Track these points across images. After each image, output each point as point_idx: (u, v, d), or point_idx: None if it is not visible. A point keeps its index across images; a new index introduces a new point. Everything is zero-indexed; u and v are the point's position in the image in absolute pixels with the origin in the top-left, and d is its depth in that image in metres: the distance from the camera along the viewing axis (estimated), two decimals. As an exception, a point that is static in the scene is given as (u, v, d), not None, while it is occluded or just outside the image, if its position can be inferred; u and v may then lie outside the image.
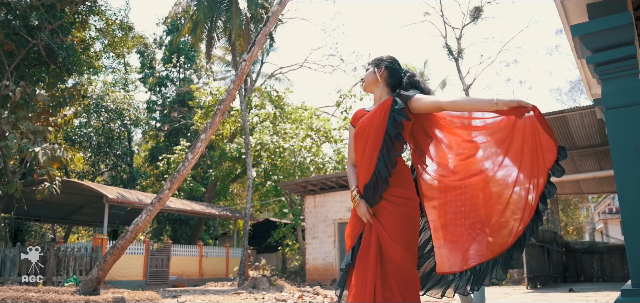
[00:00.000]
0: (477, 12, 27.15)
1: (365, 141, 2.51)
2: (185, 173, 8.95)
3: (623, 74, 3.44)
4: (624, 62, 3.44)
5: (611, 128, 3.44)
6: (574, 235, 36.13)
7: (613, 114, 3.44)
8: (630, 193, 3.35)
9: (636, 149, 3.32)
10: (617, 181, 3.40)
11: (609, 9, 3.52)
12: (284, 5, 8.96)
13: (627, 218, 3.33)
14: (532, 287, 13.39)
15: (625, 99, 3.41)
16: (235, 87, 9.00)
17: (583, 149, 15.26)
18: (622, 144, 3.39)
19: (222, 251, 22.53)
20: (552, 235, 17.48)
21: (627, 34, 3.41)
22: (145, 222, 8.95)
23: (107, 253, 8.93)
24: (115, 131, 27.52)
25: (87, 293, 8.68)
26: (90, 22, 18.86)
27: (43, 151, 13.58)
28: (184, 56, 29.31)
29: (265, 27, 9.00)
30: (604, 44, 3.49)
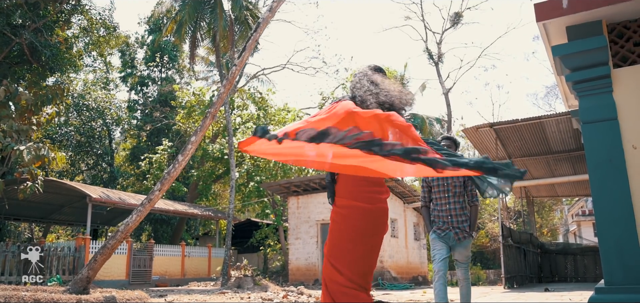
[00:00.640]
0: (457, 18, 27.73)
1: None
2: (175, 174, 9.11)
3: (598, 92, 3.78)
4: (599, 81, 3.78)
5: (587, 141, 3.78)
6: (549, 236, 37.00)
7: (589, 129, 3.78)
8: (604, 200, 3.69)
9: (609, 161, 3.66)
10: (592, 189, 3.74)
11: (586, 31, 3.86)
12: (274, 11, 9.18)
13: (601, 223, 3.67)
14: (509, 286, 13.84)
15: (600, 114, 3.75)
16: (226, 91, 9.19)
17: (559, 154, 15.82)
18: (597, 155, 3.73)
19: (204, 251, 22.61)
20: (528, 237, 18.03)
21: (602, 55, 3.75)
22: (135, 222, 9.08)
23: (97, 253, 9.03)
24: (96, 130, 27.31)
25: (77, 292, 8.77)
26: (73, 20, 18.77)
27: (27, 149, 13.54)
28: (167, 55, 29.24)
29: (256, 33, 9.21)
30: (581, 64, 3.83)
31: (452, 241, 4.39)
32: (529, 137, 14.43)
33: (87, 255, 16.46)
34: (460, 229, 4.37)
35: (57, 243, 18.73)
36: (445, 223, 4.40)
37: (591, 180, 3.76)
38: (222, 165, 25.14)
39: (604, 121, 3.73)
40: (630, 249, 3.52)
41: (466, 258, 4.50)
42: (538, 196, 22.90)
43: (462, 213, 4.41)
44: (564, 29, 3.95)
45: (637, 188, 3.60)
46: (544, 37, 4.08)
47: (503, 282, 13.93)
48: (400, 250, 18.15)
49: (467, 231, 4.39)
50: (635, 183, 3.61)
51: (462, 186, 4.47)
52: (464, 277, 4.51)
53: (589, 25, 3.85)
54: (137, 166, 26.70)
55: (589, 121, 3.80)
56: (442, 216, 4.43)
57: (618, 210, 3.60)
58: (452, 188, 4.45)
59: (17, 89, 15.57)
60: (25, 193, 15.11)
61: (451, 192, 4.45)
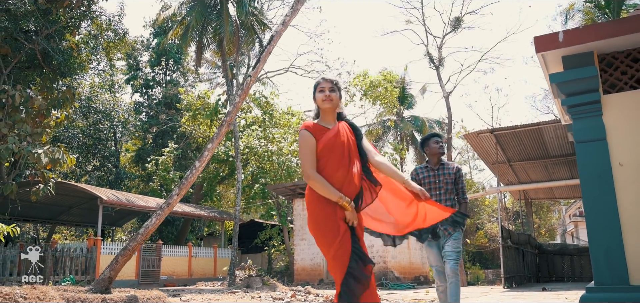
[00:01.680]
0: (457, 22, 28.15)
1: (347, 155, 2.87)
2: (193, 179, 9.60)
3: (589, 115, 4.30)
4: (590, 106, 4.30)
5: (580, 158, 4.30)
6: (547, 236, 37.52)
7: (581, 148, 4.29)
8: (594, 210, 4.20)
9: (599, 176, 4.18)
10: (584, 201, 4.26)
11: (579, 61, 4.37)
12: (287, 25, 9.68)
13: (591, 231, 4.18)
14: (508, 286, 14.35)
15: (591, 135, 4.27)
16: (241, 100, 9.69)
17: (556, 158, 16.34)
18: (589, 171, 4.25)
19: (210, 251, 23.10)
20: (526, 238, 18.55)
21: (593, 83, 4.26)
22: (155, 225, 9.57)
23: (118, 255, 9.52)
24: (103, 132, 27.77)
25: (99, 292, 9.26)
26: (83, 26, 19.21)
27: (44, 153, 14.02)
28: (171, 58, 29.70)
29: (270, 45, 9.71)
30: (575, 90, 4.35)
31: (444, 239, 4.35)
32: (528, 142, 14.95)
33: (98, 255, 16.94)
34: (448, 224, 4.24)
35: (69, 244, 19.21)
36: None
37: (583, 193, 4.27)
38: (227, 167, 25.61)
39: (594, 141, 4.25)
40: (616, 254, 4.04)
41: (456, 249, 4.32)
42: (536, 198, 23.43)
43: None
44: (560, 58, 4.46)
45: (623, 201, 4.12)
46: (542, 65, 4.59)
47: (502, 282, 14.44)
48: (403, 251, 18.66)
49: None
50: (621, 196, 4.12)
51: (453, 183, 4.53)
52: (452, 272, 4.26)
53: (582, 56, 4.36)
54: (143, 168, 27.15)
55: (581, 140, 4.32)
56: None
57: (606, 219, 4.11)
58: (444, 184, 4.50)
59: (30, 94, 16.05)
60: (37, 195, 15.59)
61: (443, 189, 4.49)
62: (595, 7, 22.70)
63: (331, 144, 2.87)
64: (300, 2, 9.63)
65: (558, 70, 4.57)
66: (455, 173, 4.57)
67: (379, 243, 17.50)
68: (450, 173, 4.54)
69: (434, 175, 4.56)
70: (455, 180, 4.54)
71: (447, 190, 4.49)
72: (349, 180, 2.84)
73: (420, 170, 4.69)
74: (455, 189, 4.55)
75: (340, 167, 2.85)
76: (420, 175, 4.64)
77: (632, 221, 4.08)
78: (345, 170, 2.85)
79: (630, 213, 4.10)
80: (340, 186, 2.81)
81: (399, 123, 30.58)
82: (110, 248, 18.09)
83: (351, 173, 2.86)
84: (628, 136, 4.23)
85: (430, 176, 4.58)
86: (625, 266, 4.02)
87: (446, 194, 4.49)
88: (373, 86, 25.38)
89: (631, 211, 4.10)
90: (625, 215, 4.10)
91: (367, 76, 26.13)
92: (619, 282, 4.02)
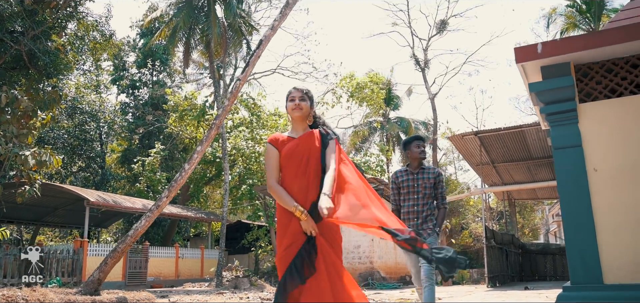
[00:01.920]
0: (443, 25, 28.56)
1: (305, 164, 2.86)
2: (182, 181, 9.70)
3: (566, 123, 4.52)
4: (567, 114, 4.53)
5: (557, 163, 4.52)
6: (530, 236, 38.11)
7: (559, 154, 4.52)
8: (570, 213, 4.43)
9: (575, 181, 4.40)
10: (561, 204, 4.48)
11: (557, 71, 4.59)
12: (275, 29, 9.82)
13: (567, 232, 4.41)
14: (492, 285, 14.65)
15: (568, 142, 4.50)
16: (230, 103, 9.81)
17: (539, 160, 16.70)
18: (565, 176, 4.47)
19: (197, 252, 23.12)
20: (509, 238, 18.90)
21: (569, 92, 4.49)
22: (143, 227, 9.65)
23: (108, 257, 9.59)
24: (89, 133, 27.62)
25: (89, 293, 9.32)
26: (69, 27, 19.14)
27: (31, 155, 13.98)
28: (158, 59, 29.62)
29: (258, 49, 9.85)
30: (552, 99, 4.57)
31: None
32: (511, 144, 15.27)
33: (85, 257, 16.88)
34: (424, 229, 4.32)
35: (56, 246, 19.10)
36: (412, 225, 4.33)
37: (560, 196, 4.50)
38: (214, 168, 25.65)
39: (570, 148, 4.47)
40: (591, 255, 4.27)
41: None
42: (519, 198, 23.84)
43: (429, 214, 4.38)
44: (539, 68, 4.68)
45: (598, 204, 4.35)
46: (522, 75, 4.81)
47: (486, 281, 14.74)
48: (389, 251, 18.89)
49: (432, 228, 4.34)
50: (595, 199, 4.35)
51: (433, 188, 4.46)
52: (427, 277, 4.25)
53: (560, 66, 4.59)
54: (129, 169, 27.05)
55: (558, 147, 4.54)
56: (410, 218, 4.39)
57: (582, 221, 4.34)
58: (423, 189, 4.44)
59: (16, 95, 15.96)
60: (23, 197, 15.52)
61: (421, 193, 4.43)
62: (577, 11, 23.20)
63: (290, 154, 2.90)
64: (289, 7, 9.78)
65: (537, 79, 4.79)
66: (435, 177, 4.50)
67: (365, 243, 17.73)
68: (429, 177, 4.47)
69: (414, 179, 4.49)
70: (435, 185, 4.47)
71: (426, 194, 4.43)
72: (305, 189, 2.82)
73: (400, 174, 4.62)
74: (434, 193, 4.48)
75: (297, 176, 2.86)
76: (399, 179, 4.58)
77: (605, 223, 4.31)
78: (302, 179, 2.85)
79: (604, 216, 4.33)
80: (298, 196, 2.81)
81: (385, 124, 30.87)
82: (96, 249, 18.04)
83: (309, 182, 2.84)
84: (602, 143, 4.46)
85: (410, 180, 4.51)
86: (599, 266, 4.25)
87: (425, 198, 4.42)
88: (360, 87, 25.61)
89: (605, 214, 4.33)
90: (599, 217, 4.33)
91: (354, 78, 26.35)
92: (593, 281, 4.24)
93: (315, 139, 2.94)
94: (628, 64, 4.56)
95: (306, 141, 2.93)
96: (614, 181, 4.37)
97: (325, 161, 2.88)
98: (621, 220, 4.27)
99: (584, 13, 23.11)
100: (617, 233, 4.26)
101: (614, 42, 4.29)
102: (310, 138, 2.95)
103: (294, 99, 3.00)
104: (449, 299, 9.89)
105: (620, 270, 4.22)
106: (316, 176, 2.85)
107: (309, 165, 2.87)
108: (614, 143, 4.44)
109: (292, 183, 2.85)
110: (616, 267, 4.23)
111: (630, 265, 4.19)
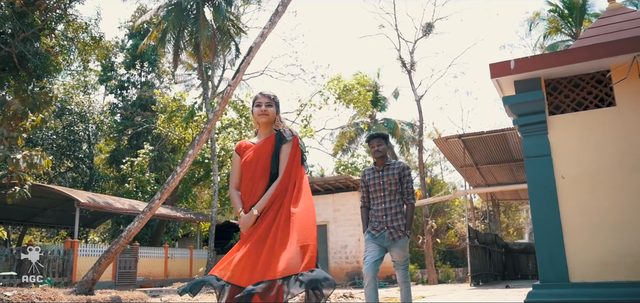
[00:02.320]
0: (429, 28, 28.98)
1: (253, 169, 2.94)
2: (174, 184, 9.97)
3: (537, 134, 4.91)
4: (537, 125, 4.91)
5: (528, 171, 4.90)
6: (515, 235, 38.76)
7: (529, 162, 4.90)
8: (540, 217, 4.81)
9: (544, 187, 4.78)
10: (531, 209, 4.86)
11: (529, 86, 4.97)
12: (265, 37, 10.12)
13: (537, 235, 4.79)
14: (475, 284, 15.10)
15: (538, 151, 4.88)
16: (221, 108, 10.09)
17: (520, 162, 17.16)
18: (535, 182, 4.86)
19: (186, 252, 23.32)
20: (493, 238, 19.40)
21: (539, 105, 4.87)
22: (137, 228, 9.90)
23: (102, 257, 9.83)
24: (77, 133, 27.66)
25: (83, 293, 9.54)
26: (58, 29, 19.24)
27: (23, 158, 14.12)
28: (147, 60, 29.73)
29: (249, 56, 10.14)
30: (524, 111, 4.95)
31: (387, 241, 4.26)
32: (494, 147, 15.73)
33: (75, 257, 17.04)
34: (394, 228, 4.25)
35: (47, 246, 19.19)
36: (380, 223, 4.30)
37: (531, 201, 4.88)
38: (202, 169, 25.84)
39: (540, 157, 4.86)
40: (558, 255, 4.65)
41: (404, 258, 4.34)
42: (503, 199, 24.38)
43: (398, 212, 4.31)
44: (513, 83, 5.05)
45: (565, 209, 4.74)
46: (497, 88, 5.19)
47: (470, 280, 15.18)
48: (375, 251, 19.25)
49: (402, 230, 4.27)
50: (563, 205, 4.74)
51: (398, 184, 4.38)
52: (402, 279, 4.36)
53: (531, 81, 4.97)
54: (118, 169, 27.14)
55: (529, 156, 4.92)
56: (378, 216, 4.33)
57: (550, 225, 4.73)
58: (388, 186, 4.36)
59: (5, 97, 16.08)
60: (13, 198, 15.64)
61: (387, 191, 4.36)
62: (559, 16, 23.78)
63: (245, 160, 2.99)
64: (278, 15, 10.08)
65: (511, 93, 5.16)
66: (400, 172, 4.40)
67: (352, 243, 18.08)
68: (394, 173, 4.38)
69: (379, 177, 4.42)
70: (400, 180, 4.38)
71: (391, 191, 4.35)
72: (250, 193, 2.92)
73: (367, 172, 4.57)
74: (400, 189, 4.38)
75: (247, 180, 2.95)
76: (366, 177, 4.53)
77: (572, 227, 4.70)
78: (250, 183, 2.94)
79: (571, 220, 4.71)
80: (244, 199, 2.93)
81: (372, 125, 31.25)
82: (86, 250, 18.18)
83: (254, 185, 2.92)
84: (570, 153, 4.85)
85: (376, 177, 4.44)
86: (565, 266, 4.64)
87: (391, 195, 4.34)
88: (347, 89, 25.97)
89: (571, 218, 4.72)
90: (566, 221, 4.71)
91: (341, 80, 26.72)
92: (560, 280, 4.63)
93: (269, 144, 2.99)
94: (593, 79, 4.95)
95: (261, 146, 3.00)
96: (579, 187, 4.75)
97: (276, 166, 2.94)
98: (585, 222, 4.66)
99: (565, 18, 23.71)
100: (582, 235, 4.65)
101: (580, 60, 4.67)
102: (265, 143, 3.00)
103: (261, 105, 3.04)
104: (432, 297, 10.28)
105: (584, 269, 4.60)
106: (261, 180, 2.92)
107: (256, 170, 2.94)
108: (580, 152, 4.82)
109: (245, 187, 2.96)
110: (581, 266, 4.61)
111: (594, 265, 4.57)
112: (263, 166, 2.93)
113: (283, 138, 2.98)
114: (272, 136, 3.01)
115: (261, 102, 3.04)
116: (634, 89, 4.69)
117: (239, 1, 23.39)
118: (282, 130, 3.03)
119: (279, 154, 2.95)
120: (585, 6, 23.33)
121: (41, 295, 7.50)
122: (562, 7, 23.55)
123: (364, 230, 4.44)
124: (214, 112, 10.10)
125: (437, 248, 30.90)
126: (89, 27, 19.18)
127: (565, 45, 23.13)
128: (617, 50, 4.51)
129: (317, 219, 14.56)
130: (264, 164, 2.93)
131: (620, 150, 4.65)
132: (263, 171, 2.93)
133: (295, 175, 2.93)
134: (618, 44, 4.54)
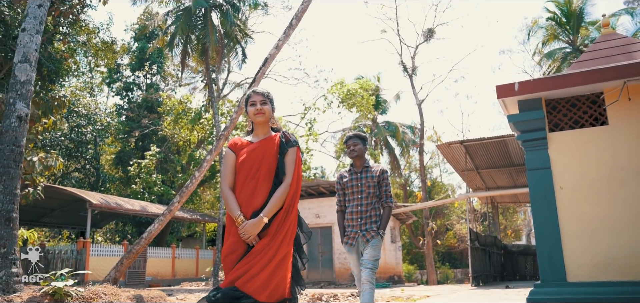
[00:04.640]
0: (430, 33, 29.61)
1: (256, 168, 2.80)
2: (193, 188, 10.51)
3: (537, 149, 5.48)
4: (538, 141, 5.48)
5: (530, 183, 5.48)
6: (513, 237, 39.35)
7: (531, 174, 5.47)
8: (541, 223, 5.38)
9: (544, 197, 5.36)
10: (533, 215, 5.43)
11: (531, 105, 5.54)
12: (279, 48, 10.69)
13: (538, 239, 5.36)
14: (476, 285, 15.67)
15: (539, 164, 5.45)
16: (237, 115, 10.65)
17: (520, 166, 17.77)
18: (537, 193, 5.43)
19: (192, 253, 23.87)
20: (492, 240, 19.97)
21: (540, 123, 5.44)
22: (156, 230, 10.44)
23: (123, 257, 10.37)
24: (85, 135, 28.17)
25: (106, 291, 10.07)
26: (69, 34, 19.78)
27: (38, 160, 14.66)
28: (154, 63, 30.25)
29: (264, 66, 10.70)
30: (527, 128, 5.52)
31: (362, 245, 4.19)
32: (494, 152, 16.31)
33: (87, 257, 17.56)
34: (367, 230, 4.18)
35: (59, 246, 19.69)
36: (354, 227, 4.24)
37: (532, 209, 5.45)
38: (207, 170, 26.33)
39: (541, 169, 5.43)
40: (557, 258, 5.22)
41: (373, 258, 4.13)
42: (502, 202, 24.97)
43: (374, 214, 4.24)
44: (517, 103, 5.62)
45: (563, 216, 5.31)
46: (503, 107, 5.76)
47: (470, 281, 15.75)
48: (378, 252, 19.79)
49: (376, 231, 4.17)
50: (561, 212, 5.31)
51: (376, 187, 4.29)
52: (367, 280, 4.07)
53: (533, 101, 5.54)
54: (124, 171, 27.65)
55: (531, 168, 5.50)
56: (352, 220, 4.26)
57: (549, 230, 5.30)
58: (366, 188, 4.27)
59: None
60: (27, 199, 16.15)
61: (364, 193, 4.27)
62: (557, 24, 24.38)
63: (245, 159, 2.83)
64: (291, 28, 10.65)
65: (514, 112, 5.74)
66: (379, 175, 4.31)
67: (356, 244, 18.60)
68: (373, 177, 4.29)
69: (357, 179, 4.32)
70: (379, 183, 4.30)
71: (369, 194, 4.26)
72: (251, 194, 2.77)
73: (344, 173, 4.48)
74: (378, 192, 4.30)
75: (247, 181, 2.79)
76: (343, 179, 4.42)
77: (569, 232, 5.27)
78: (250, 184, 2.79)
79: (568, 226, 5.28)
80: (243, 201, 2.77)
81: (373, 128, 31.83)
82: (97, 250, 18.70)
83: (256, 186, 2.78)
84: (567, 166, 5.42)
85: (353, 179, 4.35)
86: (563, 267, 5.20)
87: (369, 198, 4.26)
88: (350, 94, 26.52)
89: (569, 224, 5.29)
90: (564, 227, 5.28)
91: (344, 84, 27.27)
92: (559, 279, 5.20)
93: (274, 145, 2.88)
94: (588, 100, 5.52)
95: (264, 145, 2.87)
96: (576, 197, 5.33)
97: (282, 169, 2.85)
98: (581, 228, 5.23)
99: (563, 26, 24.31)
100: (578, 239, 5.22)
101: (577, 84, 5.25)
102: (268, 142, 2.89)
103: (256, 104, 2.94)
104: (436, 297, 10.84)
105: (580, 270, 5.17)
106: (265, 181, 2.79)
107: (260, 170, 2.80)
108: (576, 166, 5.40)
109: (242, 187, 2.79)
110: (577, 267, 5.19)
111: (588, 266, 5.15)
112: (268, 167, 2.81)
113: (288, 141, 2.92)
114: (274, 137, 2.92)
115: (256, 101, 2.95)
116: (624, 110, 5.26)
117: (246, 7, 23.91)
118: (285, 132, 2.98)
119: (285, 156, 2.87)
120: (582, 14, 23.92)
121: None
122: (560, 15, 24.14)
123: (342, 237, 4.36)
124: (231, 119, 10.66)
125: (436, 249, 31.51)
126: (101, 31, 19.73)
127: (563, 52, 23.73)
128: (610, 76, 5.09)
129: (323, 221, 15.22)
130: (269, 165, 2.82)
131: (612, 165, 5.23)
132: (268, 172, 2.81)
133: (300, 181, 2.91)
134: (610, 71, 5.11)
